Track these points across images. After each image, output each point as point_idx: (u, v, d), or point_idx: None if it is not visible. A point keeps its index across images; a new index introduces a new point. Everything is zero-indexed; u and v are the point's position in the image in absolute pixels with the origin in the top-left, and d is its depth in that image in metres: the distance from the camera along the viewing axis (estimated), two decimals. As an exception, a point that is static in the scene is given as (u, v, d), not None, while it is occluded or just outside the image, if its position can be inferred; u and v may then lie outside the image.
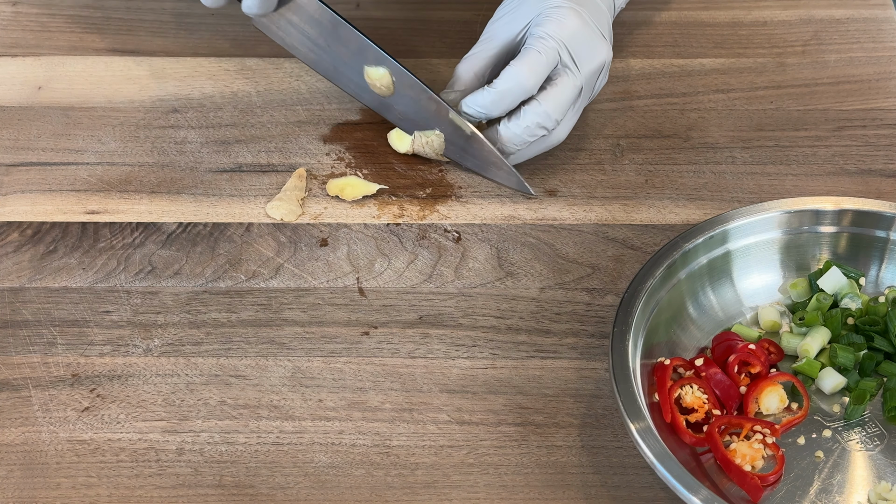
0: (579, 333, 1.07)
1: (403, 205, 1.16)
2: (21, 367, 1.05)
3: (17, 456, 1.00)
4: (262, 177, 1.19)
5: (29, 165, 1.19)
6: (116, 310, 1.09)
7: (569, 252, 1.13)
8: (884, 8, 1.32)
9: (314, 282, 1.11)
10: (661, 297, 1.03)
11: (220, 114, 1.24)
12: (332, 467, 1.00)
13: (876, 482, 0.97)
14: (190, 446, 1.01)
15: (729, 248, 1.07)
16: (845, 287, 1.06)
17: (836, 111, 1.23)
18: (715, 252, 1.06)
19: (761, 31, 1.31)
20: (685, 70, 1.27)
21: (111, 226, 1.15)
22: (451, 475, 0.99)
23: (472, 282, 1.11)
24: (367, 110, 1.24)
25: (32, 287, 1.10)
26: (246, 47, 1.30)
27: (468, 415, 1.02)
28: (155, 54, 1.29)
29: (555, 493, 0.98)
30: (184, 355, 1.06)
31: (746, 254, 1.07)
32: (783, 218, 1.07)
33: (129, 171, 1.19)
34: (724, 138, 1.21)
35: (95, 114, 1.24)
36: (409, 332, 1.07)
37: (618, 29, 1.29)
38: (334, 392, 1.04)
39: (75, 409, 1.03)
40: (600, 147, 1.21)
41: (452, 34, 1.22)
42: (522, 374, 1.05)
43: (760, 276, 1.08)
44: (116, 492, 0.98)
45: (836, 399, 1.02)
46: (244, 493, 0.98)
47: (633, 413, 0.95)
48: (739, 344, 1.03)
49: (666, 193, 1.17)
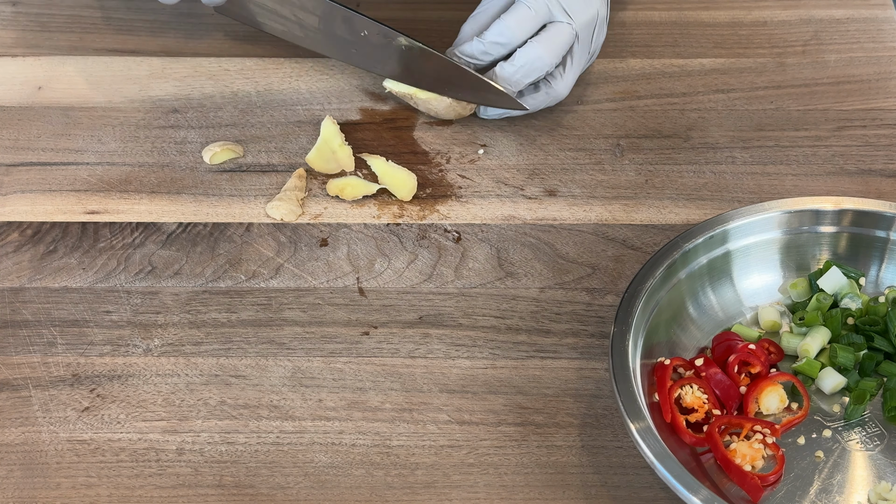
0: (579, 333, 1.07)
1: (403, 205, 1.16)
2: (21, 367, 1.05)
3: (17, 456, 1.00)
4: (262, 177, 1.19)
5: (29, 165, 1.19)
6: (116, 310, 1.09)
7: (569, 252, 1.13)
8: (884, 8, 1.32)
9: (314, 282, 1.11)
10: (661, 297, 1.03)
11: (220, 114, 1.24)
12: (332, 467, 1.00)
13: (876, 482, 0.97)
14: (190, 446, 1.01)
15: (729, 248, 1.07)
16: (845, 287, 1.06)
17: (836, 111, 1.23)
18: (715, 252, 1.06)
19: (761, 31, 1.31)
20: (685, 70, 1.27)
21: (111, 226, 1.15)
22: (451, 475, 0.99)
23: (472, 282, 1.11)
24: (367, 110, 1.24)
25: (32, 287, 1.10)
26: (246, 47, 1.30)
27: (468, 415, 1.02)
28: (155, 54, 1.29)
29: (555, 493, 0.98)
30: (184, 355, 1.06)
31: (746, 254, 1.07)
32: (783, 218, 1.07)
33: (129, 171, 1.19)
34: (724, 138, 1.21)
35: (95, 114, 1.24)
36: (409, 332, 1.07)
37: (618, 29, 1.29)
38: (334, 392, 1.04)
39: (75, 409, 1.03)
40: (600, 147, 1.21)
41: (452, 34, 1.22)
42: (522, 374, 1.05)
43: (760, 276, 1.08)
44: (116, 492, 0.98)
45: (836, 399, 1.02)
46: (244, 493, 0.98)
47: (633, 413, 0.95)
48: (739, 344, 1.03)
49: (666, 193, 1.17)
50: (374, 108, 1.24)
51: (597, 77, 1.25)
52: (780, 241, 1.08)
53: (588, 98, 1.24)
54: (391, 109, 1.24)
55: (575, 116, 1.23)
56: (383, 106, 1.24)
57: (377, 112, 1.24)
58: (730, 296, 1.07)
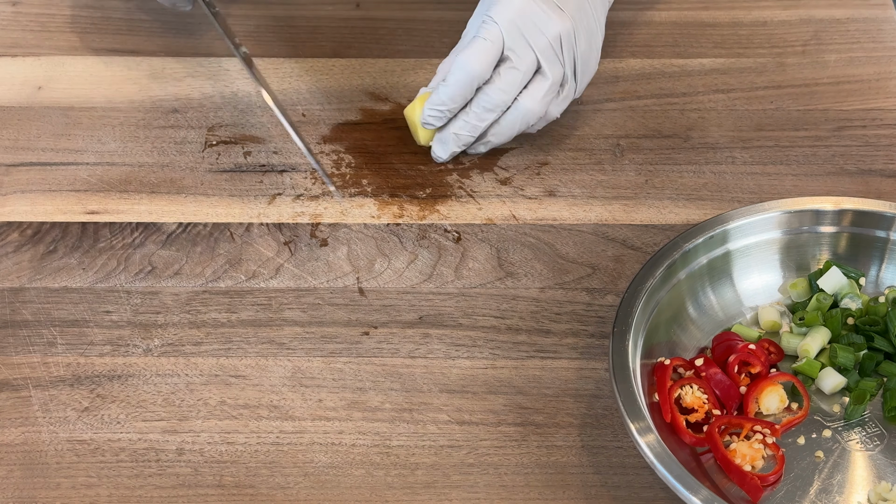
0: (579, 333, 1.07)
1: (403, 205, 1.16)
2: (21, 367, 1.05)
3: (17, 456, 1.00)
4: (262, 177, 1.19)
5: (29, 165, 1.19)
6: (116, 310, 1.09)
7: (569, 252, 1.13)
8: (884, 8, 1.32)
9: (314, 282, 1.11)
10: (661, 297, 1.03)
11: (220, 114, 1.24)
12: (332, 467, 1.00)
13: (876, 482, 0.97)
14: (190, 446, 1.01)
15: (729, 248, 1.07)
16: (845, 287, 1.06)
17: (836, 111, 1.23)
18: (715, 252, 1.06)
19: (761, 31, 1.31)
20: (685, 70, 1.27)
21: (111, 226, 1.15)
22: (451, 475, 0.99)
23: (472, 282, 1.11)
24: (367, 110, 1.24)
25: (32, 287, 1.10)
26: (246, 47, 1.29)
27: (468, 415, 1.02)
28: (155, 54, 1.29)
29: (555, 493, 0.98)
30: (184, 355, 1.06)
31: (746, 254, 1.07)
32: (783, 218, 1.07)
33: (129, 171, 1.19)
34: (724, 138, 1.21)
35: (95, 114, 1.24)
36: (409, 332, 1.07)
37: (618, 29, 1.29)
38: (334, 392, 1.04)
39: (75, 409, 1.03)
40: (600, 147, 1.21)
41: (452, 34, 1.22)
42: (522, 374, 1.05)
43: (760, 276, 1.08)
44: (116, 492, 0.98)
45: (836, 399, 1.02)
46: (244, 493, 0.98)
47: (633, 413, 0.95)
48: (739, 344, 1.03)
49: (666, 193, 1.17)
50: (374, 108, 1.24)
51: (597, 77, 1.25)
52: (780, 241, 1.08)
53: (588, 98, 1.24)
54: (391, 109, 1.24)
55: (575, 116, 1.23)
56: (383, 106, 1.24)
57: (377, 112, 1.24)
58: (730, 296, 1.07)
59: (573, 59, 1.16)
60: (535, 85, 1.15)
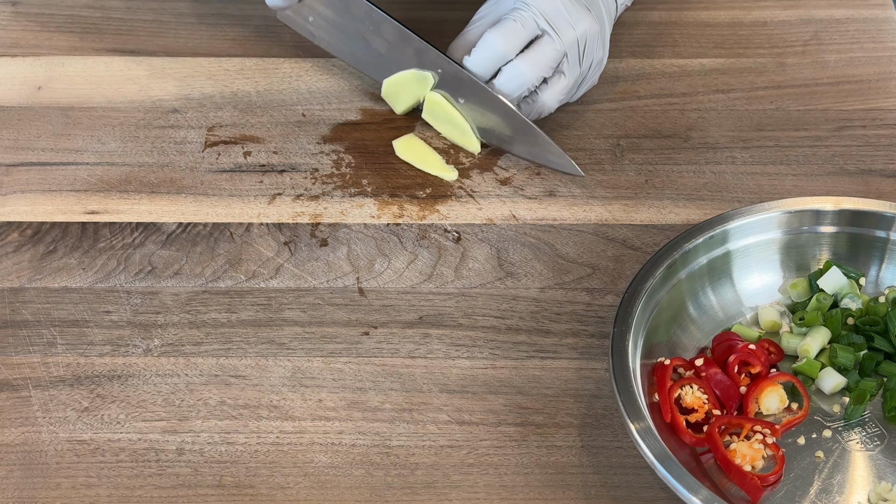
0: (579, 333, 1.07)
1: (403, 205, 1.16)
2: (21, 367, 1.05)
3: (17, 456, 1.00)
4: (262, 177, 1.19)
5: (29, 165, 1.19)
6: (116, 310, 1.09)
7: (569, 252, 1.13)
8: (884, 8, 1.32)
9: (314, 282, 1.11)
10: (661, 297, 1.03)
11: (220, 114, 1.24)
12: (332, 467, 1.00)
13: (876, 482, 0.97)
14: (190, 446, 1.01)
15: (729, 248, 1.07)
16: (845, 287, 1.06)
17: (836, 111, 1.23)
18: (715, 252, 1.06)
19: (761, 31, 1.31)
20: (685, 70, 1.27)
21: (111, 226, 1.15)
22: (451, 475, 0.99)
23: (472, 282, 1.11)
24: (367, 110, 1.24)
25: (32, 287, 1.10)
26: (246, 47, 1.30)
27: (468, 415, 1.02)
28: (155, 54, 1.29)
29: (555, 493, 0.98)
30: (184, 355, 1.06)
31: (746, 254, 1.07)
32: (783, 218, 1.07)
33: (129, 171, 1.19)
34: (724, 138, 1.21)
35: (95, 114, 1.24)
36: (409, 332, 1.07)
37: (618, 29, 1.29)
38: (334, 392, 1.04)
39: (75, 409, 1.03)
40: (600, 147, 1.21)
41: (452, 34, 1.22)
42: (522, 374, 1.05)
43: (760, 276, 1.08)
44: (116, 492, 0.98)
45: (836, 399, 1.02)
46: (244, 493, 0.98)
47: (633, 413, 0.95)
48: (739, 344, 1.03)
49: (666, 193, 1.17)
50: (374, 108, 1.24)
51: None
52: (780, 241, 1.08)
53: (588, 98, 1.24)
54: (391, 109, 1.24)
55: (575, 116, 1.23)
56: (383, 106, 1.24)
57: (377, 112, 1.24)
58: (730, 296, 1.07)
59: (589, 63, 1.17)
60: (556, 84, 1.17)
